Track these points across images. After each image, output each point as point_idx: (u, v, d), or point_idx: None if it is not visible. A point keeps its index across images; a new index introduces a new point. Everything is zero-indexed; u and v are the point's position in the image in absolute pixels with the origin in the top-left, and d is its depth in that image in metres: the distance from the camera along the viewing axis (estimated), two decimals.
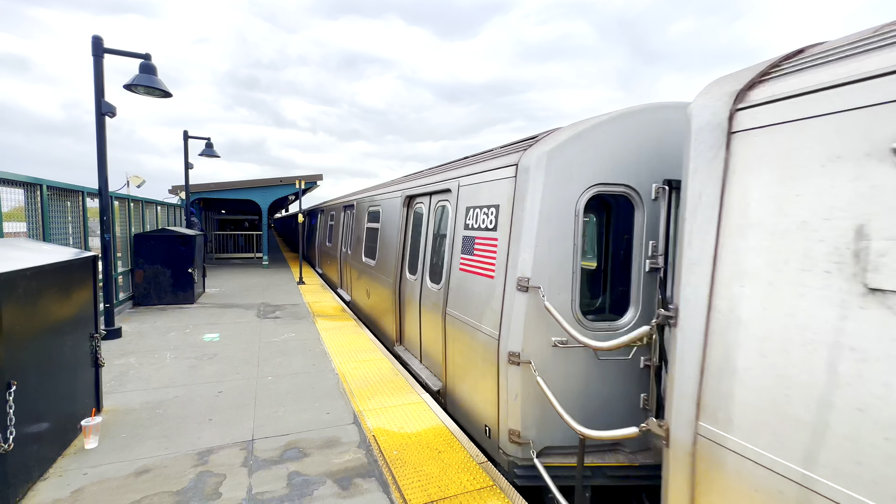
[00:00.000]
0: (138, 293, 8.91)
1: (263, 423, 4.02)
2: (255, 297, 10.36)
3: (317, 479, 3.17)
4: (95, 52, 6.15)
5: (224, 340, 6.63)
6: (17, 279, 2.80)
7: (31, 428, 2.94)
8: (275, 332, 7.16)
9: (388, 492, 3.04)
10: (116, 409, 4.20)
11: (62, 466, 3.24)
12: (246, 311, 8.71)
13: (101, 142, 6.28)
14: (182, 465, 3.31)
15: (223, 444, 3.62)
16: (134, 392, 4.63)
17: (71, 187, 6.47)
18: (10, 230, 5.12)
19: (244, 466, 3.30)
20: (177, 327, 7.35)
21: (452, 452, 3.56)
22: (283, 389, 4.81)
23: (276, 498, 2.94)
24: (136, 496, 2.92)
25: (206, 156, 12.90)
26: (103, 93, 6.25)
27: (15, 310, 2.76)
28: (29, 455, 2.93)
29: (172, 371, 5.28)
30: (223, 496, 2.94)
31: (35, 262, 3.07)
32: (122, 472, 3.18)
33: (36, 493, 2.92)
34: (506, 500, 2.98)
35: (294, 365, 5.62)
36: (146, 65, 6.46)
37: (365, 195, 8.99)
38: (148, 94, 6.56)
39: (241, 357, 5.87)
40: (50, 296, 3.23)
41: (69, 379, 3.55)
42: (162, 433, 3.78)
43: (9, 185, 5.01)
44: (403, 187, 6.48)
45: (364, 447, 3.63)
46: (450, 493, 3.04)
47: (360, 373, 5.37)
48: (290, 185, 16.65)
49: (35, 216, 5.49)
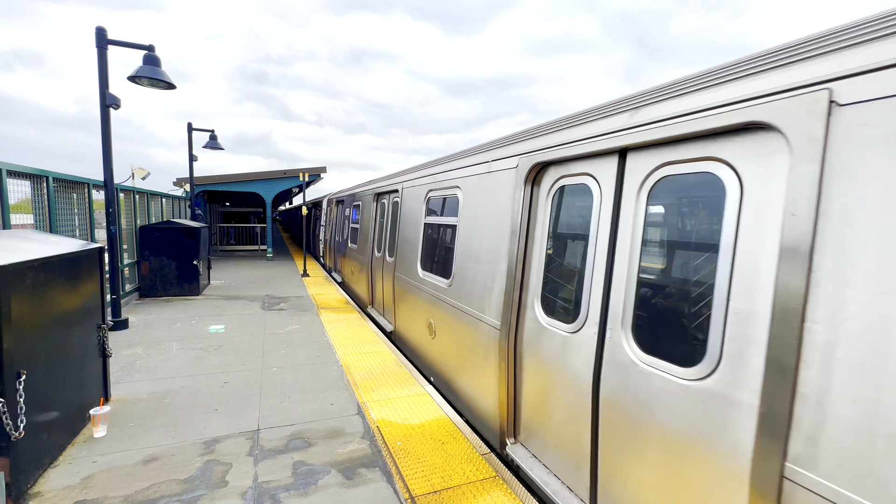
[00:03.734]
0: (144, 285, 8.99)
1: (269, 413, 4.07)
2: (259, 289, 10.42)
3: (321, 468, 3.21)
4: (99, 43, 6.14)
5: (229, 332, 6.69)
6: (26, 270, 2.83)
7: (41, 416, 2.99)
8: (279, 324, 7.21)
9: (391, 481, 3.08)
10: (124, 399, 4.26)
11: (72, 454, 3.29)
12: (251, 303, 8.77)
13: (105, 134, 6.30)
14: (189, 453, 3.35)
15: (229, 433, 3.67)
16: (141, 382, 4.69)
17: (77, 179, 6.50)
18: (18, 222, 5.16)
19: (250, 456, 3.34)
20: (182, 318, 7.42)
21: (455, 443, 3.59)
22: (288, 380, 4.85)
23: (281, 486, 2.98)
24: (145, 483, 2.97)
25: (210, 148, 12.92)
26: (108, 84, 6.25)
27: (23, 300, 2.80)
28: (39, 443, 2.98)
29: (179, 362, 5.33)
30: (230, 484, 2.98)
31: (43, 254, 3.10)
32: (130, 461, 3.24)
33: (47, 480, 2.97)
34: (508, 490, 3.01)
35: (298, 356, 5.66)
36: (150, 56, 6.45)
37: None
38: (152, 85, 6.56)
39: (247, 348, 5.92)
40: (58, 287, 3.27)
41: (77, 369, 3.60)
42: (169, 422, 3.83)
43: (15, 178, 5.05)
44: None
45: (368, 438, 3.66)
46: (453, 484, 3.07)
47: (364, 364, 5.40)
48: (294, 178, 16.66)
49: (42, 208, 5.53)
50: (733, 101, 1.84)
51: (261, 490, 2.94)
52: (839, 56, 1.54)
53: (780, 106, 1.67)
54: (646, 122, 2.25)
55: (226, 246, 20.92)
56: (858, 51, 1.50)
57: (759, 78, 1.79)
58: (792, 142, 1.63)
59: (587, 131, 2.67)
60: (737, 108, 1.82)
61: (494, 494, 2.96)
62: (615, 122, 2.47)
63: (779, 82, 1.70)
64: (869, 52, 1.47)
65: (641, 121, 2.28)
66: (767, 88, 1.73)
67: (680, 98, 2.12)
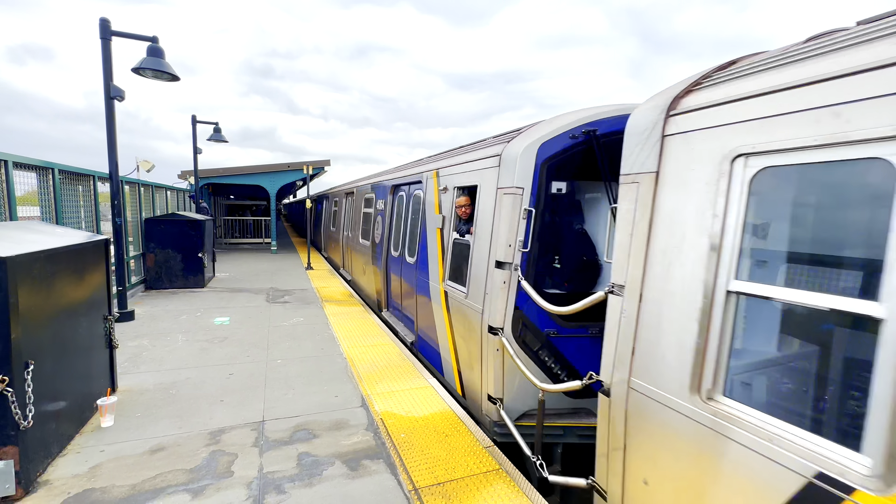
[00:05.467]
0: (150, 277, 9.04)
1: (274, 404, 4.09)
2: (264, 281, 10.46)
3: (326, 459, 3.23)
4: (103, 34, 6.13)
5: (234, 324, 6.73)
6: (32, 261, 2.85)
7: (49, 406, 3.02)
8: (284, 317, 7.24)
9: (395, 473, 3.10)
10: (131, 390, 4.30)
11: (80, 444, 3.33)
12: (255, 296, 8.81)
13: (110, 126, 6.30)
14: (195, 444, 3.39)
15: (234, 424, 3.70)
16: (147, 373, 4.73)
17: (82, 171, 6.52)
18: (24, 214, 5.19)
19: (255, 446, 3.37)
20: (188, 311, 7.47)
21: (459, 436, 3.61)
22: (293, 372, 4.88)
23: (286, 477, 3.00)
24: (151, 473, 3.00)
25: (214, 140, 12.93)
26: (112, 76, 6.24)
27: (30, 291, 2.81)
28: (48, 432, 3.02)
29: (184, 353, 5.37)
30: (235, 474, 3.01)
31: (49, 245, 3.11)
32: (137, 450, 3.27)
33: (55, 469, 3.01)
34: (511, 482, 3.02)
35: (303, 349, 5.69)
36: (153, 48, 6.43)
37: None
38: (156, 77, 6.55)
39: (251, 340, 5.95)
40: (64, 278, 3.28)
41: (85, 360, 3.63)
42: (175, 413, 3.86)
43: (22, 170, 5.07)
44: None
45: (372, 430, 3.68)
46: (456, 476, 3.08)
47: (368, 357, 5.43)
48: (297, 171, 16.66)
49: (48, 200, 5.56)
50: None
51: (266, 480, 2.96)
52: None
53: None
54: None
55: (230, 239, 21.00)
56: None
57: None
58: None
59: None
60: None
61: (497, 486, 2.97)
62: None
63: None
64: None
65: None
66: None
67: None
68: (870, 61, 1.54)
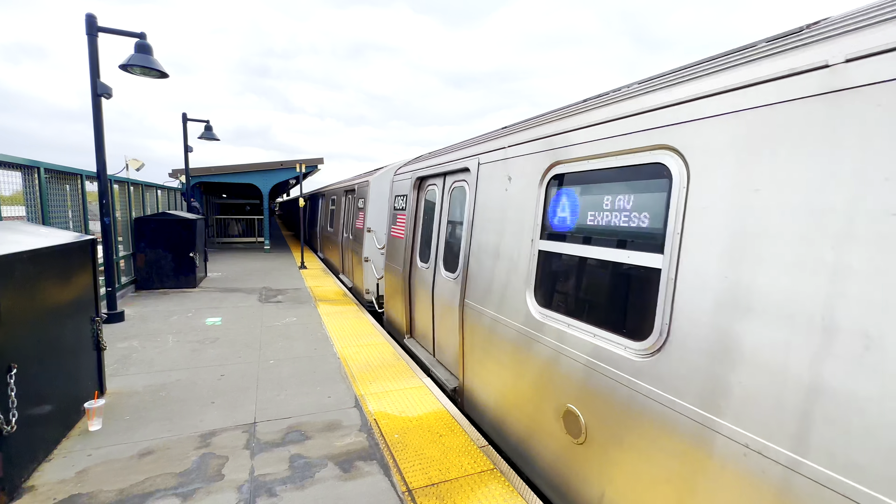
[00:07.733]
0: (140, 277, 8.92)
1: (265, 406, 4.04)
2: (256, 281, 10.37)
3: (318, 461, 3.19)
4: (89, 30, 6.02)
5: (226, 324, 6.65)
6: (14, 262, 2.78)
7: (34, 410, 2.96)
8: (276, 317, 7.17)
9: (389, 474, 3.06)
10: (120, 392, 4.23)
11: (67, 448, 3.27)
12: (248, 296, 8.73)
13: (97, 123, 6.19)
14: (185, 447, 3.33)
15: (225, 426, 3.65)
16: (137, 375, 4.66)
17: (69, 170, 6.41)
18: (10, 214, 5.09)
19: (246, 449, 3.33)
20: (179, 311, 7.38)
21: (453, 436, 3.58)
22: (285, 373, 4.83)
23: (278, 479, 2.96)
24: (140, 477, 2.95)
25: (206, 139, 12.78)
26: (98, 73, 6.13)
27: (13, 293, 2.74)
28: (33, 437, 2.95)
29: (175, 354, 5.30)
30: (226, 478, 2.96)
31: (32, 246, 3.04)
32: (125, 454, 3.21)
33: (41, 474, 2.95)
34: (506, 482, 3.00)
35: (296, 349, 5.63)
36: (141, 44, 6.33)
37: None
38: (144, 74, 6.44)
39: (243, 341, 5.89)
40: (49, 279, 3.21)
41: (71, 362, 3.56)
42: (165, 416, 3.80)
43: (6, 168, 4.96)
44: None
45: (365, 430, 3.65)
46: (451, 476, 3.06)
47: (362, 357, 5.38)
48: (290, 169, 16.53)
49: (34, 200, 5.45)
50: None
51: (257, 483, 2.92)
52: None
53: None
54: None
55: (223, 238, 20.82)
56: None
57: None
58: None
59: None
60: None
61: (492, 487, 2.95)
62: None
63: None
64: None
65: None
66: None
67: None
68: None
